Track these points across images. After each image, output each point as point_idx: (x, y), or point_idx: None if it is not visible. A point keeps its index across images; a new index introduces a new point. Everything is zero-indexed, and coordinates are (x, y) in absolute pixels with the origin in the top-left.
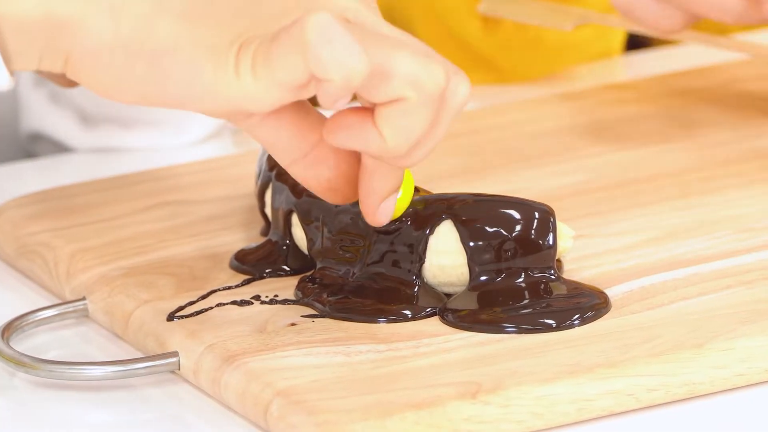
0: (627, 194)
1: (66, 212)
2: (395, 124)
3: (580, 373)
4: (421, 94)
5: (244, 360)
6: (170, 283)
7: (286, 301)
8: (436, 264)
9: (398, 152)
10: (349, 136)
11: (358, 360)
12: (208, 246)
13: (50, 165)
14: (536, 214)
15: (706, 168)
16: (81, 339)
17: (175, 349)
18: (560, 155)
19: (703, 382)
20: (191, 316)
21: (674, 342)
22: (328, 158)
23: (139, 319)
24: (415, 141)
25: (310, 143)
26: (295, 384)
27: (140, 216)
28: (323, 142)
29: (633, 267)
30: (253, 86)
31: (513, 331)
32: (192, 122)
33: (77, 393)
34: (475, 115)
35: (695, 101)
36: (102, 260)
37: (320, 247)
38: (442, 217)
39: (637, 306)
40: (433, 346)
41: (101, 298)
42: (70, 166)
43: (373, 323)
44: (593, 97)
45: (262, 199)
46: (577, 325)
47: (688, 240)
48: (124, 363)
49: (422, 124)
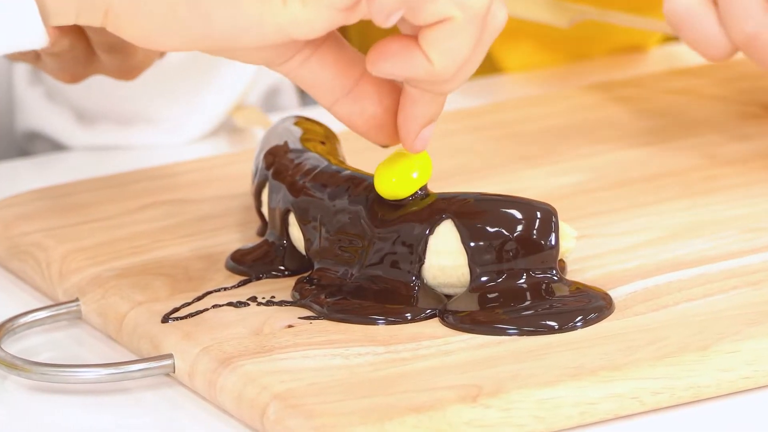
0: (631, 193)
1: (59, 212)
2: (442, 46)
3: (583, 375)
4: (467, 13)
5: (240, 362)
6: (165, 284)
7: (283, 302)
8: (436, 264)
9: (445, 75)
10: (395, 63)
11: (357, 363)
12: (203, 246)
13: (46, 163)
14: (538, 214)
15: (710, 167)
16: (74, 341)
17: (170, 351)
18: (563, 154)
19: (709, 385)
20: (186, 317)
21: (679, 344)
22: (371, 93)
23: (133, 320)
24: (462, 62)
25: (352, 79)
26: (293, 387)
27: (134, 216)
28: (365, 77)
29: (637, 268)
30: (302, 11)
31: (514, 333)
32: (189, 120)
33: (70, 396)
34: (474, 113)
35: (699, 98)
36: (95, 261)
37: (318, 248)
38: (442, 216)
39: (641, 307)
40: (433, 348)
41: (94, 299)
42: (66, 164)
43: (372, 325)
44: (596, 95)
45: (258, 199)
46: (580, 327)
47: (693, 240)
48: (118, 365)
49: (469, 44)
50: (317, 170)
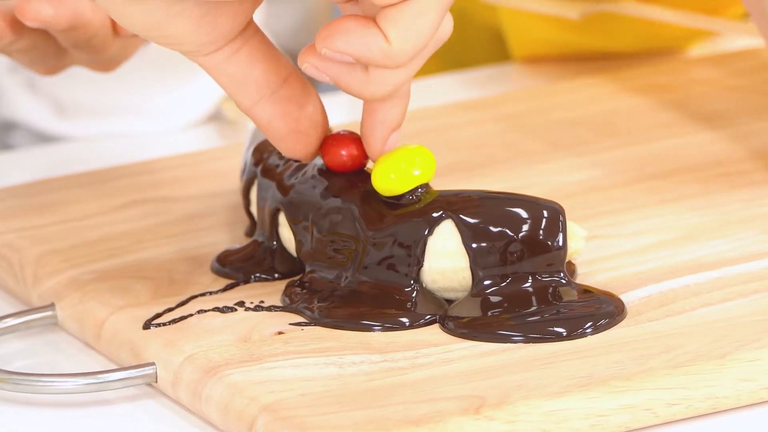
0: (644, 191)
1: (33, 211)
2: (404, 25)
3: (593, 386)
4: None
5: (226, 372)
6: (147, 288)
7: (272, 307)
8: (436, 267)
9: (401, 58)
10: (349, 40)
11: (351, 372)
12: (188, 248)
13: (22, 158)
14: (545, 213)
15: (730, 162)
16: (50, 348)
17: (152, 359)
18: (571, 149)
19: (728, 395)
20: (169, 324)
21: (696, 352)
22: (297, 96)
23: (112, 327)
24: (420, 47)
25: (280, 78)
26: (283, 398)
27: (114, 215)
28: (292, 77)
29: (651, 270)
30: None
31: (520, 341)
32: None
33: (45, 408)
34: (477, 105)
35: (718, 89)
36: (72, 263)
37: (310, 249)
38: (442, 216)
39: (655, 313)
40: (432, 356)
41: (71, 304)
42: (45, 159)
43: (367, 332)
44: (606, 85)
45: (247, 197)
46: (590, 333)
47: (710, 241)
48: (96, 375)
49: (430, 29)
50: (309, 167)
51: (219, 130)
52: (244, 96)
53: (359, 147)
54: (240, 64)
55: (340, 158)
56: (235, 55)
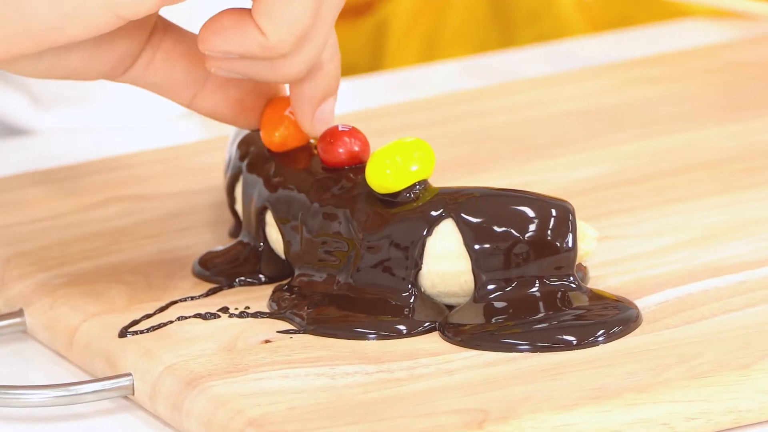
0: (659, 188)
1: (0, 210)
2: (275, 16)
3: (605, 398)
4: None
5: (209, 383)
6: (123, 293)
7: (258, 314)
8: (435, 270)
9: (281, 49)
10: (227, 38)
11: (344, 383)
12: (167, 249)
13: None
14: (553, 212)
15: (750, 158)
16: (18, 358)
17: (129, 370)
18: (580, 143)
19: (751, 408)
20: (147, 331)
21: (717, 362)
22: (230, 78)
23: (85, 335)
24: (299, 35)
25: (205, 70)
26: (270, 411)
27: (87, 214)
28: None
29: (667, 274)
30: None
31: (526, 350)
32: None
33: (14, 422)
34: (480, 96)
35: (738, 79)
36: (42, 266)
37: (299, 251)
38: (441, 215)
39: (672, 320)
40: (432, 367)
41: (41, 310)
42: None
43: (361, 340)
44: (617, 75)
45: (231, 194)
46: (602, 342)
47: (731, 242)
48: (68, 387)
49: (305, 15)
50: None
51: (201, 122)
52: (178, 97)
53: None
54: (159, 71)
55: (337, 156)
56: (151, 65)
